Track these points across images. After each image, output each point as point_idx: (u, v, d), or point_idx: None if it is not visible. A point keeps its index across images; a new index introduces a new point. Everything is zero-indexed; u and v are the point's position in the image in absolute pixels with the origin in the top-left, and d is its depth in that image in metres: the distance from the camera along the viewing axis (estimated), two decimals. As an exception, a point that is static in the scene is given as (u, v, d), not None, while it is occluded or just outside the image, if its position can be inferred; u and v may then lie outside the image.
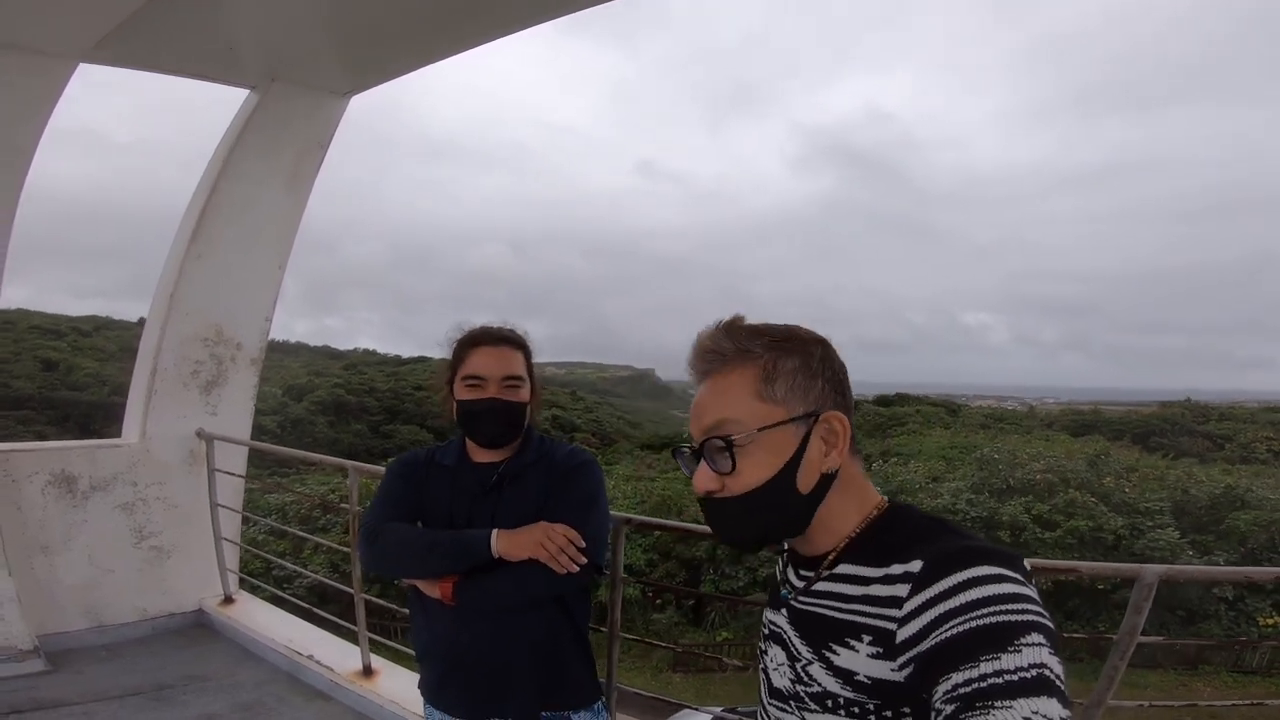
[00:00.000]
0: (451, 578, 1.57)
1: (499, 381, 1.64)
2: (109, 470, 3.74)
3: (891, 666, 0.81)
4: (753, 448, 0.90)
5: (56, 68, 3.27)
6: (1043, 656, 0.70)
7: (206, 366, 3.97)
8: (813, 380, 0.91)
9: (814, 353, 0.93)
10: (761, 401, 0.90)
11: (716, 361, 0.93)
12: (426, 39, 3.32)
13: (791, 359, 0.92)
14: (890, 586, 0.83)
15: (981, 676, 0.69)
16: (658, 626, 17.60)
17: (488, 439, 1.66)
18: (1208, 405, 42.51)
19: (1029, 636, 0.71)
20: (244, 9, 3.10)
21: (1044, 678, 0.68)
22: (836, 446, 0.91)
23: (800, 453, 0.90)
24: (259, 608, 4.04)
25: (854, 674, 0.84)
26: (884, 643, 0.82)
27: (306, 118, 3.93)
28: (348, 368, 54.79)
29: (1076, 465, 19.71)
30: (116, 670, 3.43)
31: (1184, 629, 15.51)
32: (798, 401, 0.90)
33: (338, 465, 3.37)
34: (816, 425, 0.91)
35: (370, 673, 3.23)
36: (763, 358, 0.91)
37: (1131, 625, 1.61)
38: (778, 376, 0.90)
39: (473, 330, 1.71)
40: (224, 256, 3.90)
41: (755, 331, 0.94)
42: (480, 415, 1.64)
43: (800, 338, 0.94)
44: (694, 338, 0.96)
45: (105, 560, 3.73)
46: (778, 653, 0.98)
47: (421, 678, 1.72)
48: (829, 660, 0.87)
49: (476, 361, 1.65)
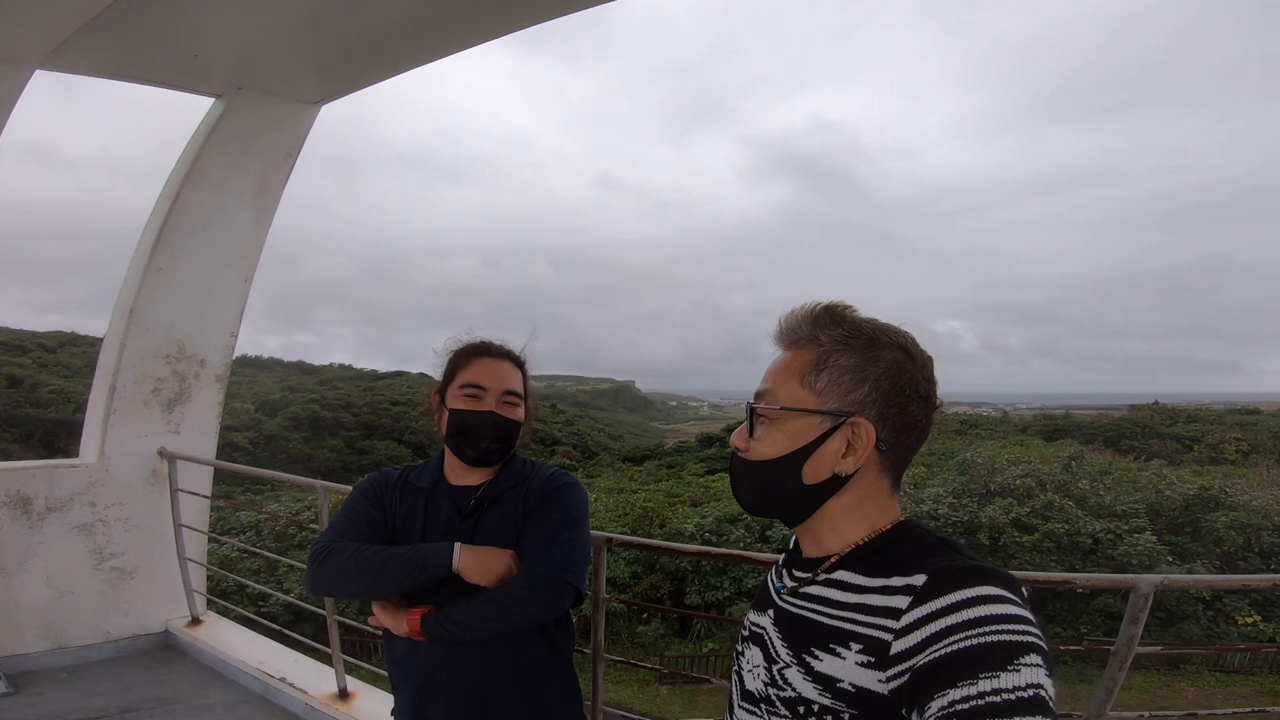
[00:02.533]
0: (419, 609, 1.49)
1: (499, 395, 1.59)
2: (66, 491, 3.62)
3: (880, 677, 0.80)
4: (774, 424, 0.94)
5: (11, 74, 3.17)
6: (1039, 678, 0.71)
7: (168, 384, 3.86)
8: (860, 383, 0.91)
9: (879, 358, 0.92)
10: (800, 386, 0.93)
11: (789, 339, 0.97)
12: (398, 47, 3.26)
13: (849, 357, 0.92)
14: (889, 597, 0.83)
15: (980, 694, 0.71)
16: (643, 639, 17.47)
17: (479, 454, 1.58)
18: (1175, 408, 43.42)
19: (1027, 657, 0.73)
20: (209, 16, 3.01)
21: (1039, 698, 0.70)
22: (856, 452, 0.91)
23: (815, 445, 0.91)
24: (228, 629, 3.92)
25: (836, 681, 0.84)
26: (876, 652, 0.81)
27: (275, 127, 3.85)
28: (323, 383, 54.09)
29: (1052, 469, 19.99)
30: (79, 693, 3.33)
31: (1164, 630, 15.69)
32: (833, 397, 0.92)
33: (306, 485, 3.27)
34: (844, 425, 0.91)
35: (346, 695, 3.15)
36: (823, 347, 0.93)
37: (1129, 636, 1.61)
38: (825, 369, 0.92)
39: (475, 341, 1.66)
40: (187, 270, 3.79)
41: (837, 321, 0.94)
42: (475, 428, 1.56)
43: (877, 341, 0.93)
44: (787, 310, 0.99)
45: (64, 581, 3.61)
46: (755, 654, 0.98)
47: (396, 703, 1.64)
48: (809, 665, 0.87)
49: (478, 371, 1.59)
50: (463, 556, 1.47)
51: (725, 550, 2.22)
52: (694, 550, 2.43)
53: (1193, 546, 17.82)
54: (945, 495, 19.69)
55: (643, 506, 21.48)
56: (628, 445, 50.93)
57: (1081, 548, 17.51)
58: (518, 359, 1.67)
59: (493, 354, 1.63)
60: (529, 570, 1.50)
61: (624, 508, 21.52)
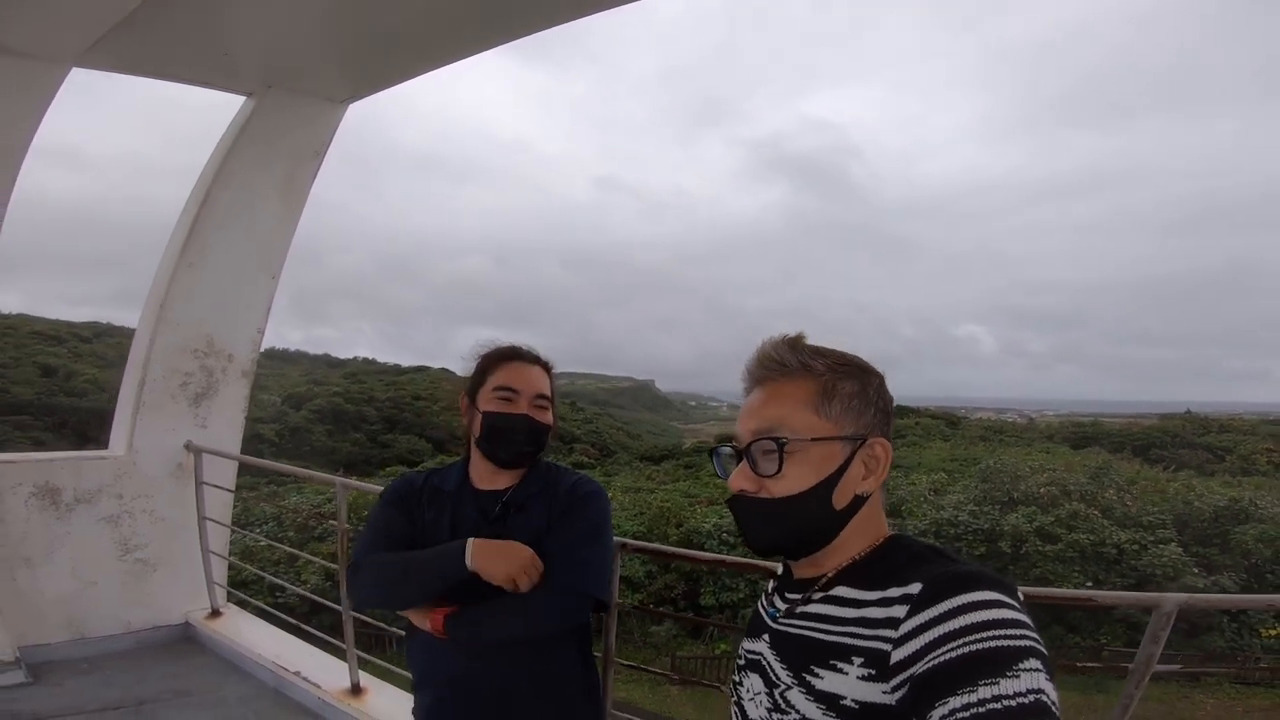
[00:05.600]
0: (443, 609, 1.49)
1: (530, 398, 1.60)
2: (94, 483, 3.68)
3: (884, 688, 0.80)
4: (800, 456, 0.93)
5: (48, 72, 3.23)
6: (1040, 682, 0.71)
7: (196, 378, 3.91)
8: (866, 407, 0.95)
9: (871, 382, 0.97)
10: (817, 416, 0.93)
11: (777, 371, 0.97)
12: (425, 45, 3.28)
13: (850, 383, 0.95)
14: (887, 608, 0.83)
15: (980, 701, 0.70)
16: (656, 639, 17.48)
17: (511, 456, 1.59)
18: (1207, 418, 42.53)
19: (1027, 662, 0.72)
20: (241, 14, 3.06)
21: (1041, 704, 0.69)
22: (875, 472, 0.95)
23: (842, 470, 0.93)
24: (247, 622, 3.97)
25: (839, 698, 0.84)
26: (877, 664, 0.81)
27: (303, 125, 3.89)
28: (347, 376, 54.77)
29: (1078, 478, 19.68)
30: (97, 683, 3.37)
31: (1186, 642, 15.39)
32: (850, 423, 0.94)
33: (325, 480, 3.30)
34: (862, 448, 0.94)
35: (359, 691, 3.16)
36: (824, 376, 0.95)
37: (1148, 654, 1.56)
38: (836, 396, 0.94)
39: (506, 346, 1.68)
40: (216, 267, 3.85)
41: (819, 351, 0.97)
42: (509, 430, 1.57)
43: (861, 366, 0.98)
44: (756, 346, 1.00)
45: (88, 573, 3.67)
46: (755, 681, 0.97)
47: (416, 703, 1.65)
48: (809, 684, 0.87)
49: (511, 374, 1.61)
50: (476, 556, 1.47)
51: (736, 559, 2.18)
52: (704, 558, 2.42)
53: (1220, 559, 17.45)
54: (966, 503, 19.46)
55: (659, 506, 21.50)
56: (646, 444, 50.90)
57: (1106, 558, 17.22)
58: (546, 364, 1.68)
59: (524, 358, 1.65)
60: (554, 581, 1.50)
61: (641, 507, 21.57)
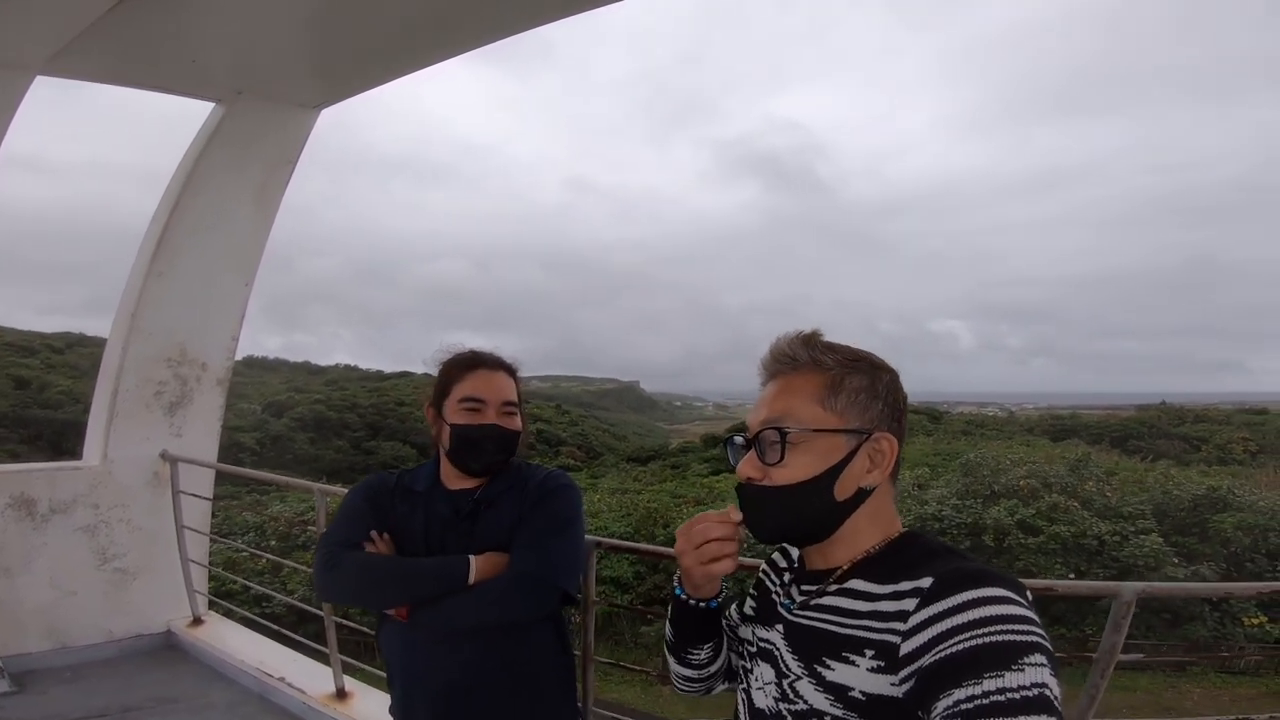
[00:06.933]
0: None
1: (498, 407, 1.59)
2: (69, 493, 3.66)
3: (892, 680, 0.82)
4: (803, 446, 0.95)
5: (13, 80, 3.19)
6: (1044, 677, 0.73)
7: (170, 387, 3.89)
8: (874, 401, 0.97)
9: (881, 378, 0.99)
10: (822, 408, 0.96)
11: (788, 365, 0.99)
12: (397, 51, 3.29)
13: (859, 378, 0.97)
14: (898, 602, 0.85)
15: (985, 693, 0.72)
16: (646, 639, 17.44)
17: (483, 466, 1.59)
18: (1183, 408, 43.12)
19: (1032, 657, 0.74)
20: (209, 22, 3.04)
21: (1045, 697, 0.71)
22: (880, 466, 0.96)
23: (845, 463, 0.95)
24: (229, 629, 3.96)
25: (848, 690, 0.86)
26: (887, 656, 0.83)
27: (274, 131, 3.87)
28: (329, 383, 54.24)
29: (1058, 470, 19.86)
30: (81, 691, 3.37)
31: (1169, 631, 15.58)
32: (855, 417, 0.96)
33: (304, 488, 3.30)
34: (867, 442, 0.96)
35: (344, 695, 3.17)
36: (833, 370, 0.97)
37: (1111, 644, 1.59)
38: (843, 390, 0.96)
39: (466, 353, 1.66)
40: (188, 274, 3.83)
41: (830, 347, 0.99)
42: (480, 441, 1.57)
43: (872, 362, 1.00)
44: (771, 340, 1.02)
45: (67, 582, 3.65)
46: (765, 670, 0.99)
47: (393, 700, 1.66)
48: (820, 675, 0.88)
49: (476, 384, 1.59)
50: (479, 574, 1.50)
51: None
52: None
53: (1200, 548, 17.68)
54: (949, 496, 19.57)
55: (646, 507, 21.45)
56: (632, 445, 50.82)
57: (1087, 550, 17.39)
58: (510, 368, 1.67)
59: (487, 365, 1.63)
60: (513, 571, 1.51)
61: (627, 508, 21.51)
